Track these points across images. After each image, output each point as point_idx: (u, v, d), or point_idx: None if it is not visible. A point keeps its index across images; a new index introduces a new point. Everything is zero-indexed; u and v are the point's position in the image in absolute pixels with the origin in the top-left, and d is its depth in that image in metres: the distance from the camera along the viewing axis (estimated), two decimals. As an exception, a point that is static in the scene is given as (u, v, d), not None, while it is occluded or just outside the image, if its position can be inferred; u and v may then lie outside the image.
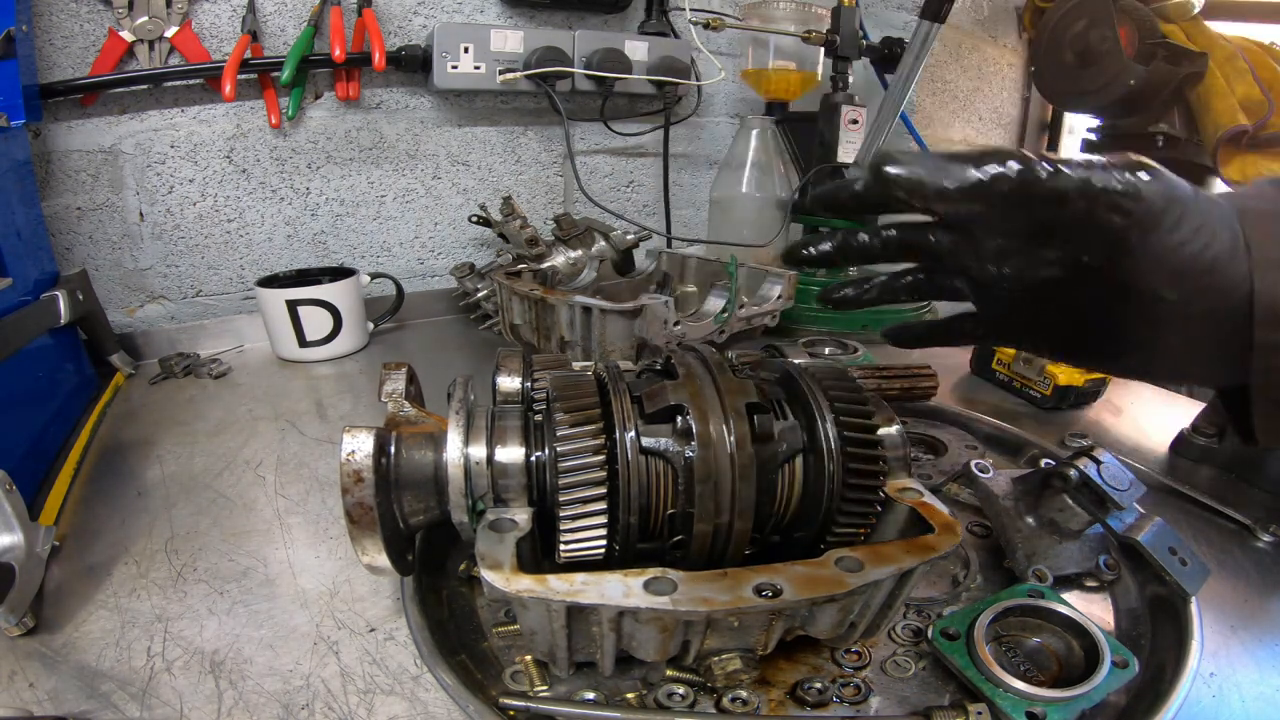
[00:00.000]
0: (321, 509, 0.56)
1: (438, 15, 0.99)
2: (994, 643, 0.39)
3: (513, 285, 0.76)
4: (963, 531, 0.36)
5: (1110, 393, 0.77)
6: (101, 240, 0.88)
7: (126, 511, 0.55)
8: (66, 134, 0.83)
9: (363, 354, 0.91)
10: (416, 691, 0.38)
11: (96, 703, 0.37)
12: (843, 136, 1.01)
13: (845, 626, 0.36)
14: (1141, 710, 0.36)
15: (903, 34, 1.17)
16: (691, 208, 1.30)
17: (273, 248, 0.99)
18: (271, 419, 0.71)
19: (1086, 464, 0.44)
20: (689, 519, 0.35)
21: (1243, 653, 0.42)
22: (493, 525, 0.35)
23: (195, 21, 0.85)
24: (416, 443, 0.37)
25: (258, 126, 0.92)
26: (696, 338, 0.74)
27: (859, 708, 0.37)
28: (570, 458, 0.34)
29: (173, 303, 0.95)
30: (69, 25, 0.80)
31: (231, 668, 0.39)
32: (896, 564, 0.33)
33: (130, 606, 0.44)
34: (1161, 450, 0.66)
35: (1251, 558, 0.51)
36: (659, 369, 0.42)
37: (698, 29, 1.03)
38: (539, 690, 0.37)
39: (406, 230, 1.07)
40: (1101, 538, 0.47)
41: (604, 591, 0.31)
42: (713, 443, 0.35)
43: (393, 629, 0.42)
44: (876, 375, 0.68)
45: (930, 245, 0.37)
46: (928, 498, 0.38)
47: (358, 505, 0.34)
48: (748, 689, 0.37)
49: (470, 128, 1.06)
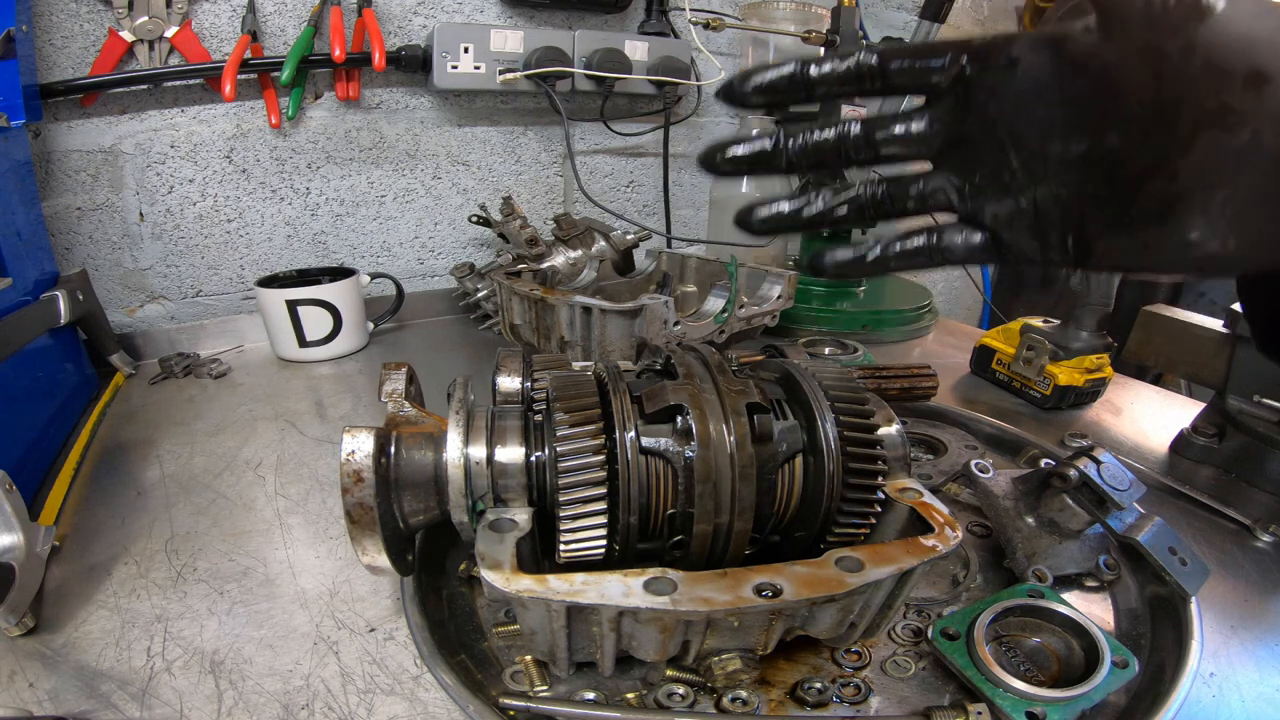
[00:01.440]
0: (321, 509, 0.56)
1: (438, 15, 0.99)
2: (994, 643, 0.39)
3: (513, 285, 0.76)
4: (963, 531, 0.36)
5: (1110, 393, 0.77)
6: (101, 240, 0.88)
7: (126, 511, 0.55)
8: (66, 134, 0.83)
9: (363, 354, 0.91)
10: (416, 691, 0.38)
11: (96, 703, 0.37)
12: (843, 136, 1.00)
13: (845, 626, 0.36)
14: (1141, 710, 0.36)
15: (903, 34, 1.17)
16: (691, 208, 1.31)
17: (273, 248, 0.99)
18: (271, 419, 0.71)
19: (1086, 464, 0.44)
20: (689, 519, 0.35)
21: (1243, 653, 0.42)
22: (493, 525, 0.35)
23: (195, 21, 0.85)
24: (416, 443, 0.37)
25: (258, 126, 0.92)
26: (696, 338, 0.74)
27: (859, 708, 0.37)
28: (570, 458, 0.34)
29: (173, 303, 0.95)
30: (69, 25, 0.80)
31: (231, 668, 0.39)
32: (896, 564, 0.33)
33: (130, 606, 0.44)
34: (1161, 450, 0.66)
35: (1251, 558, 0.51)
36: (659, 369, 0.42)
37: (697, 29, 1.03)
38: (539, 690, 0.37)
39: (406, 230, 1.07)
40: (1101, 538, 0.47)
41: (604, 591, 0.31)
42: (713, 443, 0.35)
43: (393, 629, 0.42)
44: (876, 375, 0.68)
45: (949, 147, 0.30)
46: (928, 498, 0.38)
47: (358, 505, 0.34)
48: (748, 689, 0.37)
49: (470, 128, 1.06)
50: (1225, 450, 0.62)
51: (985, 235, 0.31)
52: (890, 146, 0.32)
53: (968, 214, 0.31)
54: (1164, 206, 0.27)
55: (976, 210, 0.31)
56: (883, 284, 1.15)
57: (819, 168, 0.33)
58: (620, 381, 0.38)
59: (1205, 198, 0.26)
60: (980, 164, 0.30)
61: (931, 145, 0.31)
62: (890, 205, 0.33)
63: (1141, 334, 0.69)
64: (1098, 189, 0.28)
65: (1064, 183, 0.28)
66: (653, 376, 0.41)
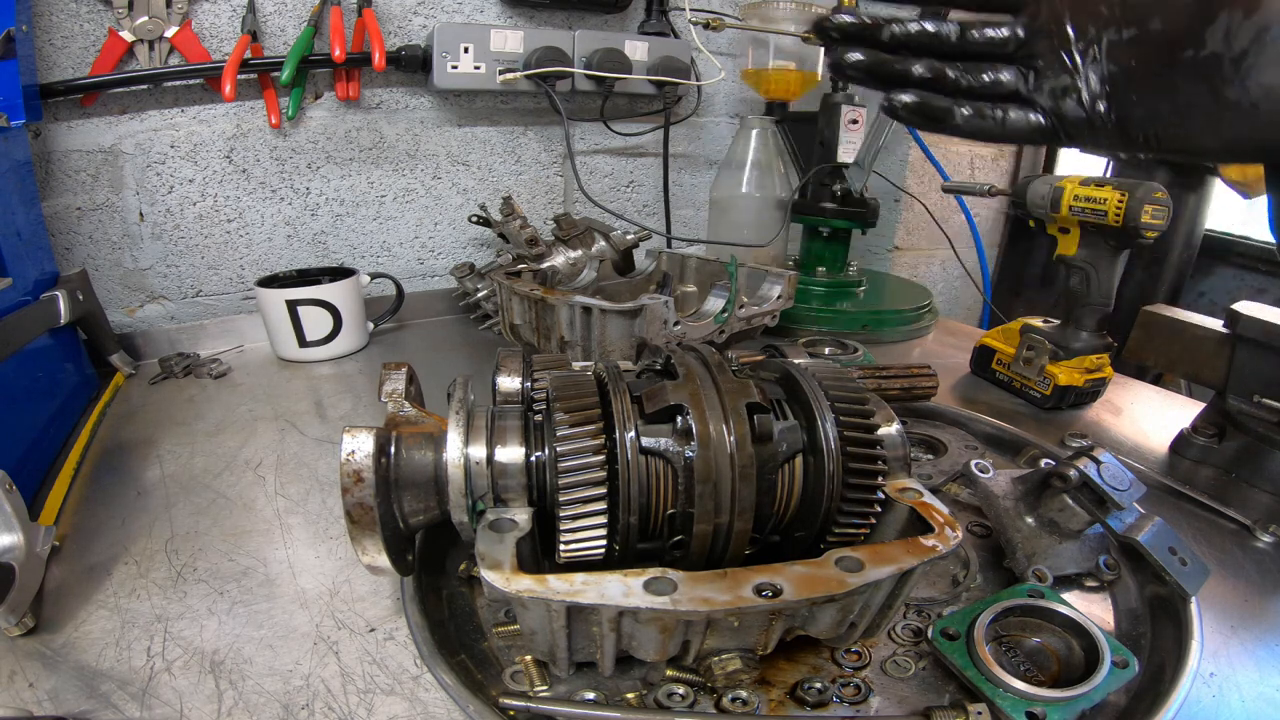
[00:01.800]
0: (321, 509, 0.56)
1: (438, 15, 0.99)
2: (994, 643, 0.39)
3: (513, 285, 0.76)
4: (963, 531, 0.36)
5: (1110, 393, 0.77)
6: (101, 240, 0.88)
7: (126, 511, 0.55)
8: (66, 134, 0.83)
9: (363, 354, 0.91)
10: (416, 691, 0.38)
11: (96, 703, 0.37)
12: (843, 136, 1.00)
13: (845, 626, 0.36)
14: (1141, 710, 0.36)
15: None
16: (691, 208, 1.31)
17: (273, 248, 0.99)
18: (271, 419, 0.71)
19: (1086, 464, 0.44)
20: (689, 519, 0.35)
21: (1243, 653, 0.42)
22: (493, 525, 0.35)
23: (195, 21, 0.85)
24: (416, 443, 0.37)
25: (258, 126, 0.93)
26: (696, 338, 0.74)
27: (859, 708, 0.37)
28: (570, 458, 0.34)
29: (173, 303, 0.95)
30: (69, 25, 0.80)
31: (231, 668, 0.39)
32: (896, 564, 0.33)
33: (130, 606, 0.44)
34: (1161, 450, 0.66)
35: (1251, 558, 0.51)
36: (659, 369, 0.42)
37: (698, 29, 1.03)
38: (539, 690, 0.37)
39: (406, 230, 1.07)
40: (1101, 538, 0.47)
41: (604, 591, 0.31)
42: (713, 443, 0.35)
43: (393, 629, 0.42)
44: (876, 375, 0.68)
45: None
46: (928, 498, 0.38)
47: (358, 505, 0.34)
48: (748, 689, 0.37)
49: (470, 128, 1.06)
50: (1225, 450, 0.62)
51: (1042, 114, 0.37)
52: (976, 45, 0.37)
53: (1029, 96, 0.37)
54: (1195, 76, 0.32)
55: (1037, 90, 0.37)
56: (883, 284, 1.15)
57: (914, 52, 0.37)
58: (620, 381, 0.38)
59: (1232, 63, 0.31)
60: (1045, 54, 0.36)
61: (1008, 44, 0.37)
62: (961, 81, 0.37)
63: (1141, 334, 0.69)
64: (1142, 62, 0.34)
65: (1114, 59, 0.34)
66: (653, 376, 0.41)
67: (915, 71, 0.37)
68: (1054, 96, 0.36)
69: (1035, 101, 0.37)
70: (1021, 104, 0.37)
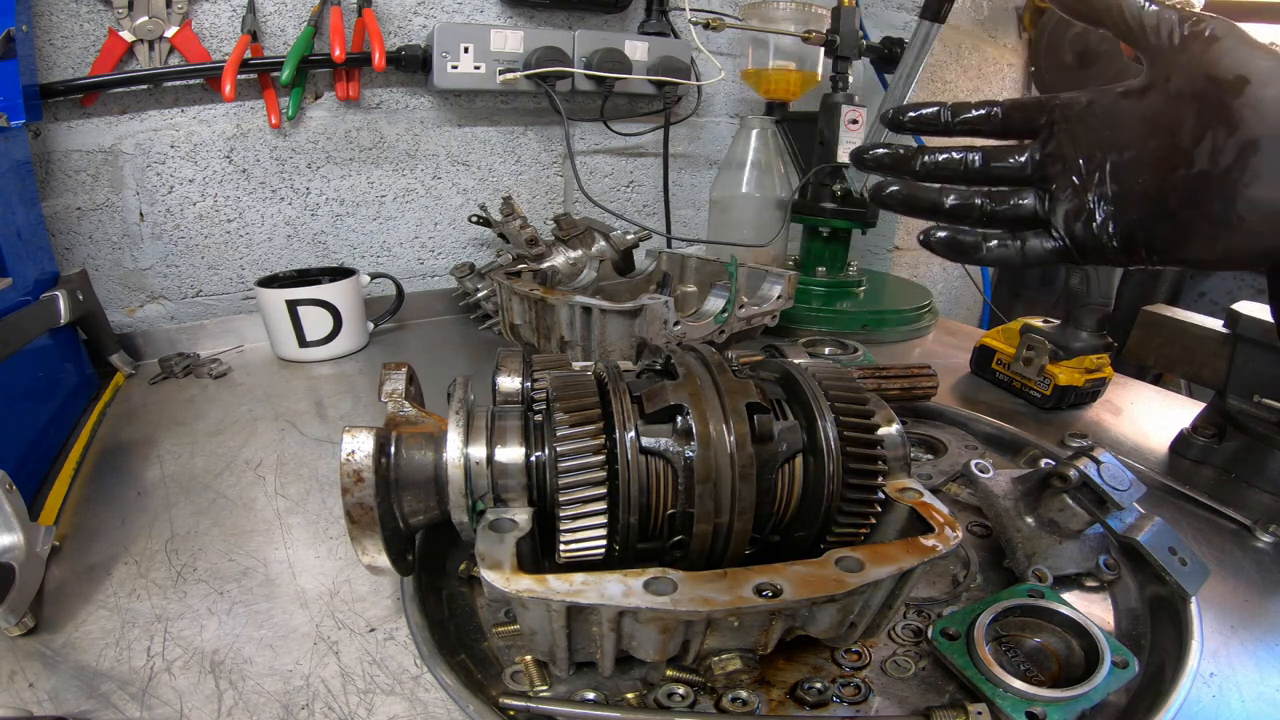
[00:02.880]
0: (321, 509, 0.56)
1: (438, 15, 0.99)
2: (994, 643, 0.39)
3: (513, 285, 0.76)
4: (963, 531, 0.36)
5: (1110, 393, 0.77)
6: (101, 240, 0.88)
7: (126, 511, 0.55)
8: (66, 134, 0.83)
9: (363, 354, 0.91)
10: (416, 691, 0.38)
11: (96, 703, 0.37)
12: (843, 136, 1.00)
13: (845, 626, 0.36)
14: (1141, 710, 0.36)
15: (903, 34, 1.17)
16: (691, 208, 1.31)
17: (273, 248, 0.99)
18: (271, 419, 0.71)
19: (1086, 464, 0.44)
20: (689, 519, 0.35)
21: (1243, 653, 0.42)
22: (493, 525, 0.35)
23: (195, 21, 0.85)
24: (416, 443, 0.37)
25: (258, 126, 0.92)
26: (696, 338, 0.74)
27: (859, 708, 0.37)
28: (570, 458, 0.34)
29: (173, 303, 0.95)
30: (69, 25, 0.80)
31: (231, 668, 0.39)
32: (896, 564, 0.33)
33: (130, 606, 0.44)
34: (1161, 450, 0.66)
35: (1251, 558, 0.51)
36: (659, 369, 0.42)
37: (698, 29, 1.03)
38: (539, 690, 0.37)
39: (406, 230, 1.07)
40: (1101, 538, 0.47)
41: (604, 591, 0.31)
42: (713, 443, 0.35)
43: (393, 629, 0.42)
44: (876, 375, 0.68)
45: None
46: (928, 498, 0.38)
47: (358, 505, 0.34)
48: (748, 689, 0.37)
49: (470, 128, 1.06)
50: (1225, 450, 0.62)
51: (1058, 239, 0.39)
52: (997, 171, 0.40)
53: (1045, 218, 0.40)
54: (1188, 193, 0.35)
55: (1052, 213, 0.39)
56: (883, 284, 1.15)
57: (943, 179, 0.41)
58: (620, 381, 0.38)
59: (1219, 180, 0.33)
60: (1059, 177, 0.39)
61: (1026, 170, 0.40)
62: (986, 210, 0.41)
63: (1141, 334, 0.69)
64: (1141, 181, 0.36)
65: (1117, 180, 0.37)
66: (653, 376, 0.41)
67: (948, 203, 0.41)
68: (1067, 220, 0.39)
69: (1051, 224, 0.40)
70: (1039, 229, 0.40)
